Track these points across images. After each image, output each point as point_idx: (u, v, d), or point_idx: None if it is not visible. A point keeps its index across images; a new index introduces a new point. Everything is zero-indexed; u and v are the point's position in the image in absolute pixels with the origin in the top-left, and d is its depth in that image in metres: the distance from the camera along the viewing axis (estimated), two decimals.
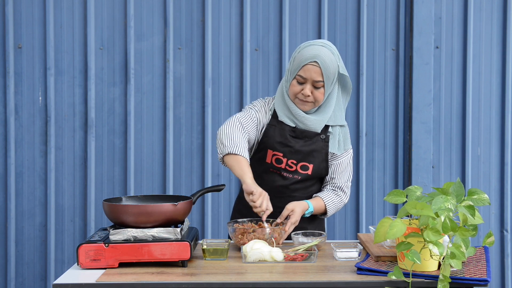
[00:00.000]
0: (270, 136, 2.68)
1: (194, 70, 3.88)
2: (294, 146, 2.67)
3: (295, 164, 2.68)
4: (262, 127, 2.70)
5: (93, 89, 3.86)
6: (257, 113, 2.69)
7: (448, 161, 3.92)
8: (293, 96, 2.64)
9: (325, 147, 2.70)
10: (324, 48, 2.59)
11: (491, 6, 3.88)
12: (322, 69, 2.57)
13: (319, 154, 2.69)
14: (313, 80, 2.58)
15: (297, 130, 2.67)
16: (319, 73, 2.58)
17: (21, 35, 3.84)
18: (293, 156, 2.67)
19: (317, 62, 2.57)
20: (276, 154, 2.68)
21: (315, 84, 2.59)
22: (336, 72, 2.62)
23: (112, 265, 2.25)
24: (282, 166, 2.68)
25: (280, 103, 2.70)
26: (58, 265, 3.90)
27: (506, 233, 3.93)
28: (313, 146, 2.68)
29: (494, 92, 3.91)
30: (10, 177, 3.86)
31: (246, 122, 2.63)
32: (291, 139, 2.67)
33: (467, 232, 2.05)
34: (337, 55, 2.63)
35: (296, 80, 2.61)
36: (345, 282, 2.10)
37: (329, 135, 2.71)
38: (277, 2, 3.87)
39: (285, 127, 2.68)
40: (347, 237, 3.92)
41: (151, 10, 3.86)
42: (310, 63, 2.57)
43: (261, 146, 2.71)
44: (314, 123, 2.67)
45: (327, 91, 2.63)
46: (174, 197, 2.50)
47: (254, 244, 2.36)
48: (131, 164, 3.86)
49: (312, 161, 2.69)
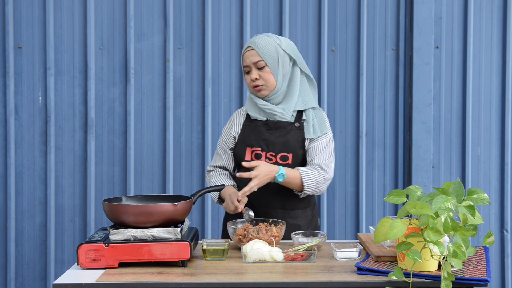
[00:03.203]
0: (246, 135, 2.77)
1: (194, 70, 3.88)
2: (269, 138, 2.73)
3: (274, 156, 2.73)
4: (237, 133, 2.81)
5: (93, 89, 3.86)
6: (226, 139, 2.84)
7: (448, 161, 3.92)
8: (250, 88, 2.76)
9: (301, 134, 2.74)
10: (258, 35, 2.76)
11: (491, 6, 3.88)
12: (256, 49, 2.69)
13: (295, 143, 2.73)
14: (253, 63, 2.70)
15: (270, 123, 2.74)
16: (255, 54, 2.70)
17: (21, 35, 3.84)
18: (270, 148, 2.73)
19: (251, 46, 2.72)
20: (255, 150, 2.75)
21: (257, 66, 2.70)
22: (277, 50, 2.70)
23: (112, 265, 2.25)
24: (262, 160, 2.73)
25: (249, 103, 2.82)
26: (58, 265, 3.90)
27: (506, 233, 3.93)
28: (288, 135, 2.73)
29: (494, 92, 3.91)
30: (10, 177, 3.86)
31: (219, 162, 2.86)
32: (265, 132, 2.74)
33: (467, 232, 2.05)
34: (275, 37, 2.74)
35: (245, 71, 2.75)
36: (345, 282, 2.10)
37: (303, 122, 2.75)
38: (277, 2, 3.87)
39: (258, 123, 2.77)
40: (347, 237, 3.92)
41: (151, 10, 3.86)
42: (246, 50, 2.74)
43: (239, 146, 2.78)
44: (282, 111, 2.73)
45: (275, 71, 2.71)
46: (174, 197, 2.50)
47: (254, 244, 2.36)
48: (131, 164, 3.86)
49: (290, 150, 2.73)
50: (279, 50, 2.71)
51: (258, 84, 2.71)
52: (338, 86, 3.89)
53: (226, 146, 2.84)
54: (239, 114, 2.86)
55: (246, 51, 2.73)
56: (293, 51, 2.75)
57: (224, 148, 2.85)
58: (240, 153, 2.77)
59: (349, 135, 3.90)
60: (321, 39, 3.86)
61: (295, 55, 2.75)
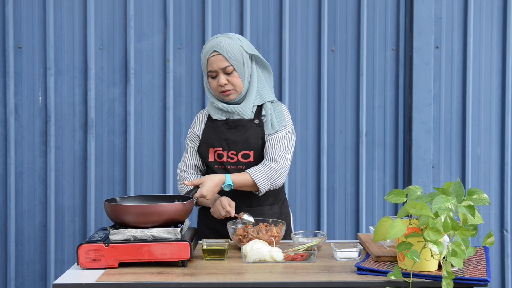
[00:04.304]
0: (207, 135, 2.77)
1: (194, 70, 3.88)
2: (229, 138, 2.73)
3: (235, 154, 2.73)
4: (200, 133, 2.81)
5: (93, 89, 3.86)
6: (192, 138, 2.83)
7: (448, 161, 3.92)
8: (216, 92, 2.73)
9: (261, 130, 2.73)
10: (219, 38, 2.69)
11: (491, 6, 3.88)
12: (223, 54, 2.65)
13: (256, 140, 2.72)
14: (220, 68, 2.67)
15: (230, 121, 2.74)
16: (222, 59, 2.66)
17: (21, 35, 3.84)
18: (231, 147, 2.73)
19: (216, 50, 2.66)
20: (216, 150, 2.75)
21: (225, 71, 2.67)
22: (241, 53, 2.68)
23: (112, 265, 2.25)
24: (224, 159, 2.73)
25: (210, 104, 2.80)
26: (58, 265, 3.90)
27: (506, 233, 3.93)
28: (247, 133, 2.72)
29: (494, 92, 3.91)
30: (10, 177, 3.86)
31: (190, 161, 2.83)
32: (225, 132, 2.74)
33: (467, 232, 2.05)
34: (236, 38, 2.70)
35: (209, 76, 2.71)
36: (345, 282, 2.10)
37: (263, 118, 2.74)
38: (277, 2, 3.87)
39: (218, 123, 2.76)
40: (347, 237, 3.92)
41: (151, 10, 3.86)
42: (211, 55, 2.67)
43: (203, 147, 2.78)
44: (243, 108, 2.72)
45: (242, 74, 2.70)
46: (174, 197, 2.50)
47: (254, 244, 2.36)
48: (131, 164, 3.86)
49: (251, 147, 2.72)
50: (243, 53, 2.69)
51: (227, 89, 2.69)
52: (338, 86, 3.89)
53: (192, 147, 2.84)
54: (202, 114, 2.86)
55: (211, 55, 2.67)
56: (252, 49, 2.73)
57: (192, 147, 2.84)
58: (204, 154, 2.78)
59: (349, 135, 3.90)
60: (321, 39, 3.86)
61: (253, 51, 2.73)
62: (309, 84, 3.88)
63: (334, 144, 3.90)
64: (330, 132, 3.89)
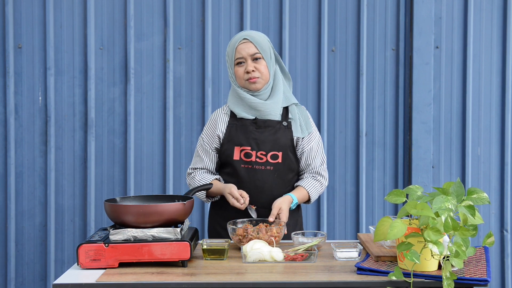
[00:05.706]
0: (233, 134, 2.76)
1: (194, 70, 3.88)
2: (259, 138, 2.73)
3: (264, 155, 2.74)
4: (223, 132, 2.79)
5: (93, 89, 3.86)
6: (210, 140, 2.80)
7: (448, 161, 3.92)
8: (241, 81, 2.74)
9: (289, 133, 2.76)
10: (248, 31, 2.77)
11: (491, 6, 3.88)
12: (253, 42, 2.71)
13: (285, 141, 2.75)
14: (249, 54, 2.71)
15: (259, 121, 2.74)
16: (252, 46, 2.71)
17: (21, 35, 3.84)
18: (261, 147, 2.73)
19: (246, 38, 2.72)
20: (244, 149, 2.74)
21: (253, 57, 2.71)
22: (270, 47, 2.75)
23: (112, 265, 2.25)
24: (252, 159, 2.74)
25: (235, 101, 2.79)
26: (58, 265, 3.90)
27: (506, 233, 3.93)
28: (277, 134, 2.74)
29: (494, 92, 3.91)
30: (10, 177, 3.86)
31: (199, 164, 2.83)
32: (254, 131, 2.73)
33: (467, 232, 2.05)
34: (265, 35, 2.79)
35: (237, 64, 2.73)
36: (345, 282, 2.10)
37: (290, 121, 2.77)
38: (277, 2, 3.87)
39: (246, 122, 2.76)
40: (347, 237, 3.92)
41: (151, 10, 3.86)
42: (241, 42, 2.72)
43: (227, 145, 2.77)
44: (272, 106, 2.73)
45: (269, 65, 2.74)
46: (174, 197, 2.50)
47: (254, 244, 2.36)
48: (131, 164, 3.86)
49: (280, 149, 2.74)
50: (270, 47, 2.77)
51: (254, 76, 2.71)
52: (338, 86, 3.89)
53: (209, 147, 2.81)
54: (222, 113, 2.84)
55: (241, 43, 2.71)
56: (278, 56, 2.82)
57: (206, 149, 2.82)
58: (228, 152, 2.77)
59: (349, 135, 3.90)
60: (321, 39, 3.86)
61: (276, 52, 2.81)
62: (309, 84, 3.88)
63: (334, 144, 3.90)
64: (330, 132, 3.89)
